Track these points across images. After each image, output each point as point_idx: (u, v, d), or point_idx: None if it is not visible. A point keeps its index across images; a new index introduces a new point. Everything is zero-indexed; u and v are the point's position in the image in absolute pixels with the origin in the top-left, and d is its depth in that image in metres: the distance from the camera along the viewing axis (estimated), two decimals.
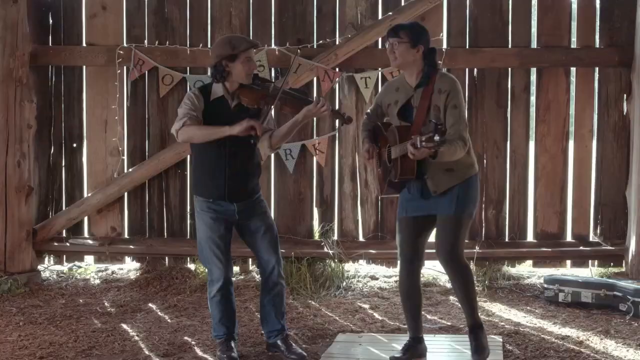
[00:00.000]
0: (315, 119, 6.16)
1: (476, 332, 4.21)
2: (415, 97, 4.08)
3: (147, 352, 4.56)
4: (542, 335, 4.78)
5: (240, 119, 4.22)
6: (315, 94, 6.19)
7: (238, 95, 4.28)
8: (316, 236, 6.38)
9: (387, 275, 6.25)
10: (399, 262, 4.27)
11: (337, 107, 6.22)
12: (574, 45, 6.26)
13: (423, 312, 5.24)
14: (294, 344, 4.46)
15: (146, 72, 6.29)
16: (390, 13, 6.13)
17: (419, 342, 4.29)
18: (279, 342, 4.43)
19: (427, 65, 4.07)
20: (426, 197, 4.08)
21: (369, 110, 4.42)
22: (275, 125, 4.45)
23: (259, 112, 4.28)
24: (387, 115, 4.27)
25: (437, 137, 3.59)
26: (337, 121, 4.29)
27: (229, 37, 4.41)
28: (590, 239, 6.27)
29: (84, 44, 6.41)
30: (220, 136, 4.17)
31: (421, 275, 4.35)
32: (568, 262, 6.33)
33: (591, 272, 6.14)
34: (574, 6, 6.28)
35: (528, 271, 6.32)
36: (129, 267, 6.52)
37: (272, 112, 4.40)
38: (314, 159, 6.31)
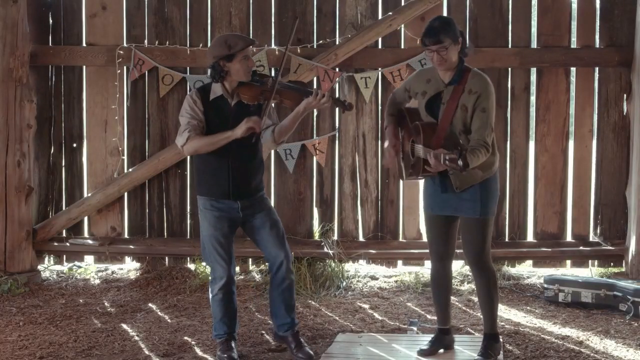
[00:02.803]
0: (315, 119, 6.17)
1: (489, 342, 4.23)
2: (445, 93, 4.04)
3: (147, 352, 4.57)
4: (542, 335, 4.79)
5: (241, 117, 4.23)
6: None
7: (238, 93, 4.28)
8: (316, 236, 6.38)
9: (387, 275, 6.25)
10: (430, 257, 4.32)
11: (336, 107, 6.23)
12: (574, 45, 6.27)
13: (423, 312, 5.28)
14: (304, 342, 4.47)
15: (146, 72, 6.29)
16: (390, 13, 6.13)
17: (446, 334, 4.35)
18: (289, 337, 4.44)
19: (461, 61, 4.03)
20: (447, 191, 4.07)
21: (395, 91, 4.37)
22: (278, 120, 4.45)
23: (259, 108, 4.28)
24: (414, 101, 4.24)
25: (460, 163, 3.62)
26: (337, 108, 4.25)
27: (224, 36, 4.37)
28: (590, 239, 6.28)
29: (84, 44, 6.41)
30: (226, 142, 4.20)
31: (452, 269, 4.38)
32: (568, 262, 6.34)
33: (591, 272, 6.15)
34: (574, 6, 6.29)
35: (528, 271, 6.32)
36: (129, 267, 6.52)
37: (273, 106, 4.39)
38: (314, 158, 6.31)
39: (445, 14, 6.27)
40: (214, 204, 4.33)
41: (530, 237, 6.38)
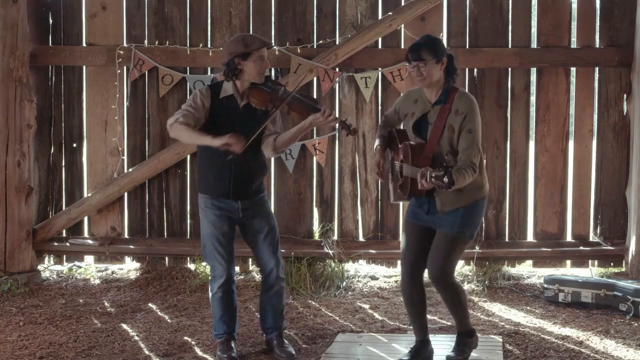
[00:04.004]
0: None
1: (462, 338, 4.24)
2: (432, 113, 4.06)
3: (147, 352, 4.57)
4: (542, 335, 4.79)
5: (247, 119, 4.25)
6: (315, 95, 6.21)
7: (248, 96, 4.29)
8: (316, 236, 6.38)
9: (387, 275, 6.25)
10: (401, 265, 4.26)
11: (336, 107, 6.25)
12: (574, 45, 6.26)
13: None
14: (286, 342, 4.49)
15: (146, 72, 6.30)
16: (390, 13, 6.13)
17: (425, 345, 4.27)
18: (274, 338, 4.49)
19: (447, 81, 4.05)
20: (432, 214, 4.08)
21: (387, 113, 4.40)
22: (282, 129, 4.44)
23: (266, 114, 4.28)
24: (403, 122, 4.26)
25: (445, 180, 3.63)
26: (341, 130, 4.25)
27: (242, 35, 4.44)
28: (590, 239, 6.27)
29: (84, 44, 6.41)
30: (202, 144, 4.24)
31: (424, 278, 4.33)
32: (568, 262, 6.34)
33: (591, 272, 6.15)
34: (574, 6, 6.29)
35: (528, 271, 6.32)
36: (129, 267, 6.52)
37: (279, 115, 4.39)
38: (314, 159, 6.31)
39: (445, 14, 6.27)
40: (214, 202, 4.34)
41: (530, 237, 6.37)
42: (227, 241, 4.37)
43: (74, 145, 6.50)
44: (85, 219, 6.49)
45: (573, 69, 6.26)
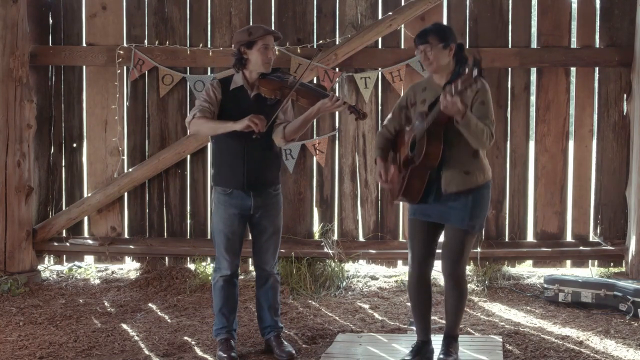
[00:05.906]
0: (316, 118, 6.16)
1: (450, 340, 4.21)
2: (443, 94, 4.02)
3: (147, 352, 4.57)
4: (542, 335, 4.79)
5: (258, 109, 4.25)
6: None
7: (258, 86, 4.32)
8: (316, 236, 6.38)
9: (387, 275, 6.25)
10: (409, 264, 4.23)
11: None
12: (574, 45, 6.26)
13: None
14: (285, 342, 4.50)
15: (146, 72, 6.30)
16: (390, 13, 6.13)
17: (427, 345, 4.26)
18: (272, 340, 4.49)
19: (457, 65, 4.02)
20: (438, 200, 4.03)
21: (385, 124, 4.30)
22: (293, 118, 4.44)
23: (278, 103, 4.30)
24: (413, 112, 4.16)
25: (467, 72, 3.52)
26: (350, 115, 4.26)
27: (249, 25, 4.50)
28: (590, 239, 6.27)
29: (84, 44, 6.41)
30: (225, 131, 4.23)
31: (431, 277, 4.31)
32: (568, 262, 6.34)
33: (591, 272, 6.15)
34: (574, 6, 6.29)
35: (528, 271, 6.32)
36: (129, 267, 6.52)
37: (290, 104, 4.41)
38: (314, 158, 6.32)
39: (445, 14, 6.28)
40: (227, 199, 4.35)
41: (530, 237, 6.37)
42: (235, 238, 4.39)
43: (74, 145, 6.50)
44: (85, 219, 6.49)
45: (573, 69, 6.26)
